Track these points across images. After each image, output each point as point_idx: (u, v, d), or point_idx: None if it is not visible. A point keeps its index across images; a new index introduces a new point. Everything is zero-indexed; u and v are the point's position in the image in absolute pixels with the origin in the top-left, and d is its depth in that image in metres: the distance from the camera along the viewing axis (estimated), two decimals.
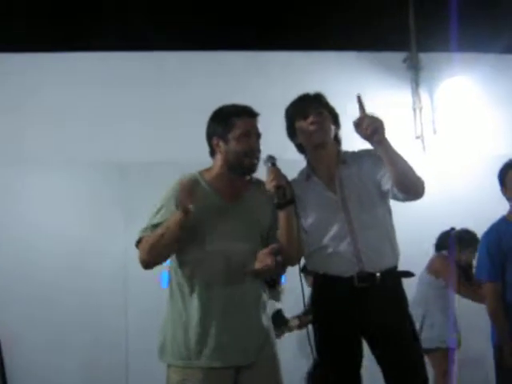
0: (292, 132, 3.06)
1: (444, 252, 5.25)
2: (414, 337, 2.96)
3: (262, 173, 2.87)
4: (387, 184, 2.91)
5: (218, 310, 2.69)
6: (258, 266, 2.65)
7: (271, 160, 2.81)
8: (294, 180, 3.03)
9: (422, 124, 6.76)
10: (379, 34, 6.59)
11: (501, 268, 3.41)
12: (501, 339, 3.42)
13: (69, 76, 6.21)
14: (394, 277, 2.96)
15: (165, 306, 2.85)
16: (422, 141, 6.73)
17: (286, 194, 2.72)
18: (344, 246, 2.88)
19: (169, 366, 2.76)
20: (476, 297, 4.81)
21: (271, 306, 3.54)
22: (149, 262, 2.78)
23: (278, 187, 2.71)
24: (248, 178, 2.89)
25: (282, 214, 2.75)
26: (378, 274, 2.87)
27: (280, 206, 2.73)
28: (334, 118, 3.05)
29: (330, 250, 2.90)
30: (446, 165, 6.52)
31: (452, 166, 6.51)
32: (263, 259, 2.64)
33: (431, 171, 6.38)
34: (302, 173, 3.10)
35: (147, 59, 6.38)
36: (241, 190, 2.84)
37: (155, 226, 2.73)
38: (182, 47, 6.36)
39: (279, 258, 2.74)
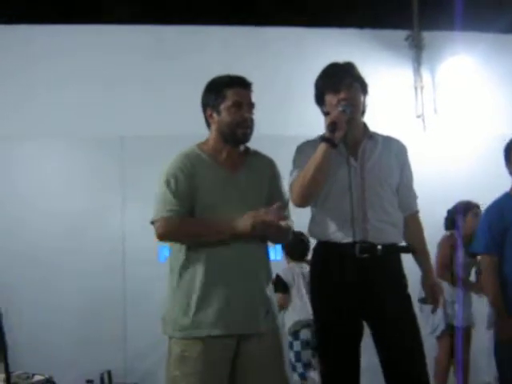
0: (320, 102, 3.04)
1: (447, 232, 5.27)
2: (414, 315, 2.97)
3: (256, 143, 2.88)
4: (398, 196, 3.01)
5: (219, 277, 2.69)
6: (269, 217, 2.64)
7: (344, 107, 2.85)
8: (316, 140, 2.98)
9: (423, 103, 6.74)
10: (382, 12, 6.56)
11: (500, 242, 3.40)
12: (496, 313, 3.42)
13: (66, 49, 6.16)
14: (395, 251, 2.97)
15: (162, 279, 2.85)
16: (423, 120, 6.72)
17: (334, 133, 2.79)
18: (352, 213, 2.88)
19: (170, 337, 2.76)
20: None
21: None
22: (170, 240, 2.80)
23: (331, 123, 2.79)
24: (244, 148, 2.88)
25: (319, 149, 2.81)
26: (379, 247, 2.88)
27: (321, 139, 2.82)
28: (364, 88, 3.03)
29: (339, 214, 2.90)
30: (446, 144, 6.52)
31: (452, 145, 6.50)
32: (273, 213, 2.65)
33: (432, 150, 6.41)
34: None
35: (146, 32, 6.34)
36: (240, 159, 2.85)
37: (172, 202, 2.70)
38: (181, 21, 6.32)
39: (285, 223, 2.78)
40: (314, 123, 3.20)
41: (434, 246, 5.28)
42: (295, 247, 4.99)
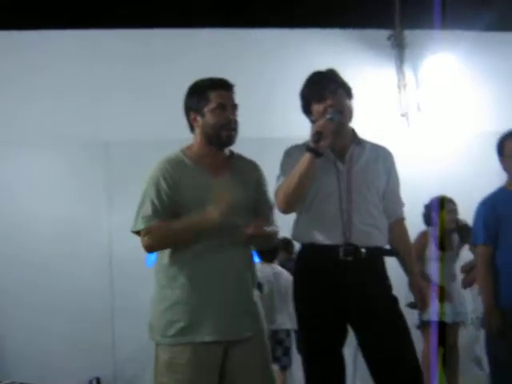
0: (308, 111, 3.03)
1: (425, 229, 5.33)
2: (399, 315, 2.96)
3: (240, 146, 2.88)
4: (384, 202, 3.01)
5: (205, 283, 2.68)
6: (251, 230, 2.65)
7: (332, 115, 2.83)
8: (304, 144, 2.97)
9: (406, 101, 6.77)
10: (364, 12, 6.57)
11: (494, 233, 3.43)
12: (487, 304, 3.44)
13: (53, 54, 6.15)
14: (379, 254, 2.97)
15: (149, 284, 2.84)
16: (407, 118, 6.75)
17: (319, 143, 2.76)
18: (337, 216, 2.88)
19: (157, 344, 2.75)
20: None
21: None
22: (156, 250, 2.80)
23: (316, 133, 2.77)
24: (229, 152, 2.88)
25: (304, 158, 2.79)
26: (363, 249, 2.88)
27: (307, 148, 2.79)
28: (348, 93, 3.03)
29: (324, 217, 2.91)
30: (430, 142, 6.55)
31: (437, 143, 6.53)
32: (256, 225, 2.67)
33: (416, 148, 6.44)
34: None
35: (133, 37, 6.33)
36: (224, 164, 2.83)
37: (155, 212, 2.70)
38: (165, 25, 6.31)
39: (270, 229, 2.78)
40: (298, 125, 3.20)
41: None
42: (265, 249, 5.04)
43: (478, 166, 3.79)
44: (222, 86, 2.80)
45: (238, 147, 2.89)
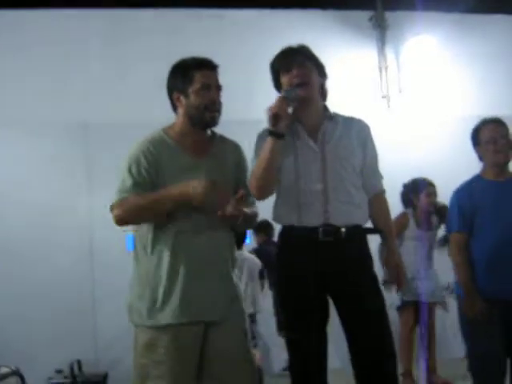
0: (278, 85, 3.01)
1: (405, 210, 5.35)
2: (379, 296, 2.96)
3: (223, 128, 2.85)
4: (363, 177, 2.97)
5: (186, 263, 2.66)
6: (229, 210, 2.60)
7: (286, 93, 2.79)
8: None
9: (387, 83, 6.76)
10: None
11: (469, 221, 3.44)
12: (463, 290, 3.46)
13: (28, 36, 6.05)
14: (360, 233, 2.96)
15: (130, 267, 2.82)
16: (388, 100, 6.75)
17: (278, 125, 2.70)
18: (314, 195, 2.87)
19: (136, 326, 2.73)
20: None
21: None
22: (126, 221, 2.73)
23: (272, 115, 2.70)
24: (211, 132, 2.85)
25: (267, 143, 2.74)
26: (343, 229, 2.87)
27: (269, 133, 2.73)
28: (320, 70, 3.01)
29: (300, 198, 2.89)
30: (410, 124, 6.56)
31: (417, 126, 6.55)
32: (235, 205, 2.61)
33: (396, 130, 6.45)
34: None
35: (108, 17, 6.26)
36: (206, 145, 2.81)
37: (133, 186, 2.67)
38: (144, 4, 6.25)
39: (250, 210, 2.75)
40: None
41: None
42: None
43: (458, 150, 3.78)
44: (207, 66, 2.76)
45: (217, 129, 2.87)
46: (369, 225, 3.05)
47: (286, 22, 6.43)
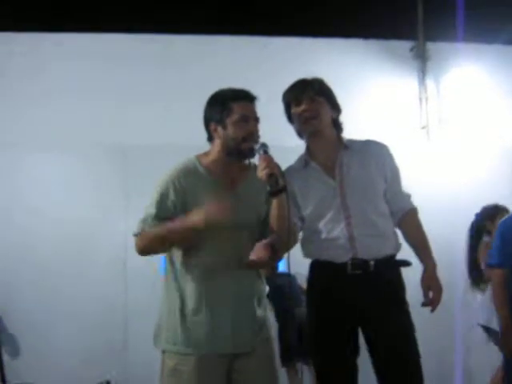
0: (290, 117, 3.02)
1: (485, 238, 5.10)
2: (410, 329, 2.92)
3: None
4: (388, 204, 2.94)
5: (213, 296, 2.66)
6: (253, 257, 2.59)
7: (263, 148, 2.73)
8: (293, 167, 3.02)
9: (427, 114, 6.71)
10: (387, 22, 6.54)
11: (510, 255, 3.38)
12: (503, 327, 3.39)
13: (71, 57, 6.15)
14: (390, 265, 2.93)
15: (162, 290, 2.83)
16: (428, 131, 6.69)
17: (278, 182, 2.65)
18: (338, 232, 2.86)
19: (163, 351, 2.74)
20: None
21: None
22: (147, 252, 2.78)
23: (270, 175, 2.64)
24: (246, 162, 2.84)
25: (274, 202, 2.70)
26: (371, 262, 2.84)
27: (272, 194, 2.66)
28: (332, 103, 3.01)
29: (325, 235, 2.88)
30: (451, 155, 6.49)
31: (457, 157, 6.47)
32: (259, 252, 2.58)
33: (436, 161, 6.39)
34: (300, 159, 3.08)
35: (151, 41, 6.33)
36: (238, 175, 2.80)
37: (155, 217, 2.68)
38: (186, 30, 6.32)
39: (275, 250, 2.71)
40: None
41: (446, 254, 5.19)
42: None
43: (500, 181, 3.73)
44: (246, 98, 2.76)
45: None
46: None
47: (327, 51, 6.44)
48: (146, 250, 2.73)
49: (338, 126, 3.05)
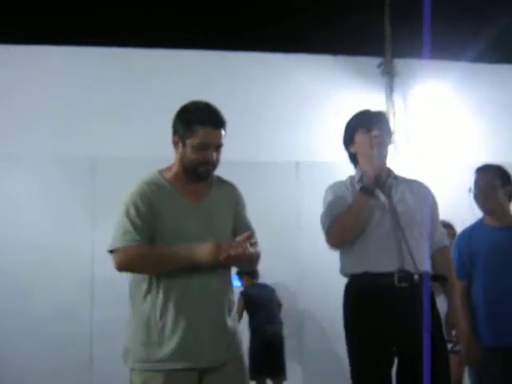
0: (349, 141, 3.16)
1: None
2: (445, 346, 2.98)
3: (228, 169, 2.86)
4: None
5: (182, 308, 2.63)
6: (232, 252, 2.55)
7: (378, 152, 3.00)
8: (346, 182, 3.15)
9: (395, 129, 6.79)
10: (355, 39, 6.61)
11: (469, 267, 3.44)
12: (465, 337, 3.43)
13: (40, 70, 6.14)
14: (431, 280, 2.99)
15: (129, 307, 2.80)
16: (395, 146, 6.76)
17: (373, 186, 2.92)
18: (390, 242, 2.93)
19: (131, 369, 2.70)
20: None
21: None
22: (130, 269, 2.69)
23: (376, 176, 2.93)
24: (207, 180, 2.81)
25: (360, 199, 2.94)
26: (416, 276, 2.88)
27: (363, 189, 2.93)
28: (390, 135, 3.16)
29: (376, 244, 2.96)
30: (417, 170, 6.55)
31: (423, 172, 6.54)
32: (237, 246, 2.57)
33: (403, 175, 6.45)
34: (352, 177, 3.18)
35: (118, 55, 6.34)
36: (203, 188, 2.78)
37: (135, 232, 2.63)
38: (153, 44, 6.34)
39: (254, 250, 2.70)
40: (285, 149, 3.21)
41: None
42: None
43: (465, 196, 3.78)
44: (212, 123, 2.68)
45: (224, 170, 2.86)
46: None
47: (295, 67, 6.50)
48: (131, 266, 2.65)
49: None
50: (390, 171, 3.17)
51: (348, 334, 3.04)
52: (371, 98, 6.74)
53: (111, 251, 2.67)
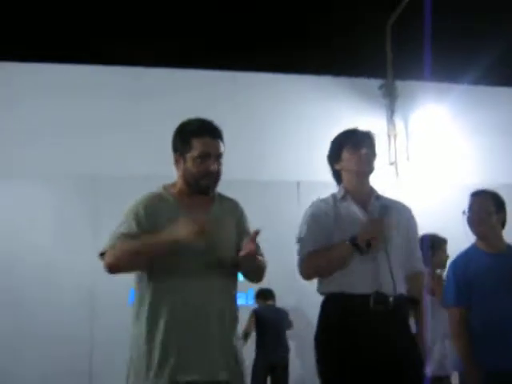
0: (335, 158, 3.15)
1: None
2: (423, 367, 2.97)
3: (229, 187, 2.89)
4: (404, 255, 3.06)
5: (183, 326, 2.64)
6: (242, 253, 2.58)
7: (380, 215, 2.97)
8: (327, 199, 3.11)
9: (396, 150, 6.83)
10: (357, 61, 6.67)
11: (467, 293, 3.41)
12: (463, 366, 3.41)
13: (42, 88, 6.19)
14: (404, 303, 2.99)
15: (130, 321, 2.80)
16: (396, 167, 6.80)
17: (369, 247, 2.87)
18: (367, 264, 2.92)
19: None
20: None
21: None
22: (118, 268, 2.66)
23: (371, 239, 2.86)
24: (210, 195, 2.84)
25: (345, 249, 2.89)
26: (391, 298, 2.89)
27: (354, 244, 2.88)
28: (375, 155, 3.19)
29: (353, 265, 2.93)
30: (418, 190, 6.59)
31: (424, 192, 6.57)
32: (248, 246, 2.58)
33: (403, 197, 6.46)
34: (334, 195, 3.16)
35: (123, 74, 6.39)
36: (206, 204, 2.80)
37: (124, 234, 2.65)
38: (156, 63, 6.40)
39: (261, 258, 2.73)
40: (286, 168, 3.23)
41: None
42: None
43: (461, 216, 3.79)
44: (209, 133, 2.70)
45: (226, 188, 2.88)
46: None
47: (297, 87, 6.55)
48: (116, 264, 2.62)
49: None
50: (372, 191, 3.16)
51: (317, 352, 3.00)
52: (372, 120, 6.78)
53: (102, 255, 2.67)
